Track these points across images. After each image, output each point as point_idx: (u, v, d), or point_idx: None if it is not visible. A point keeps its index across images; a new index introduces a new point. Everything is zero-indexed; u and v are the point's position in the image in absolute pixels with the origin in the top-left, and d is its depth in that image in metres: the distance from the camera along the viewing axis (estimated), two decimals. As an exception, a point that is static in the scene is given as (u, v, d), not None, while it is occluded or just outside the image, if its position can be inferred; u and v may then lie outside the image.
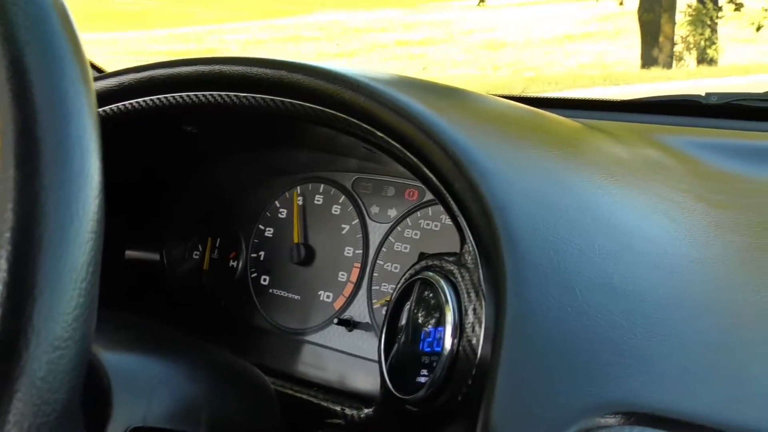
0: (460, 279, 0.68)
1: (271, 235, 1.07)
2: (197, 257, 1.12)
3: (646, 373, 0.57)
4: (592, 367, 0.58)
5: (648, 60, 11.49)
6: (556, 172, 0.73)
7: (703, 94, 1.12)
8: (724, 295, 0.66)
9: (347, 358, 0.96)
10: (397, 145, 0.73)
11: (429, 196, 0.97)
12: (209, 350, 0.77)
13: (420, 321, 0.71)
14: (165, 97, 0.87)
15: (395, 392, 0.71)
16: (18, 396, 0.41)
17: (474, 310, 0.66)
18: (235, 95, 0.84)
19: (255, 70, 0.82)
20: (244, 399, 0.74)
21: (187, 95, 0.87)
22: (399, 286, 0.74)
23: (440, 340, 0.68)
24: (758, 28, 11.51)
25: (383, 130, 0.74)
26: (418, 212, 0.97)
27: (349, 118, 0.76)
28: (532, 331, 0.60)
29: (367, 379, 0.92)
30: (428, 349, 0.70)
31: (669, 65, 11.56)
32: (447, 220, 0.95)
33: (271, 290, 1.05)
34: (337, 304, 1.00)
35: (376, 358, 0.93)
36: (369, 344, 0.96)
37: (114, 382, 0.60)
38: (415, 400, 0.69)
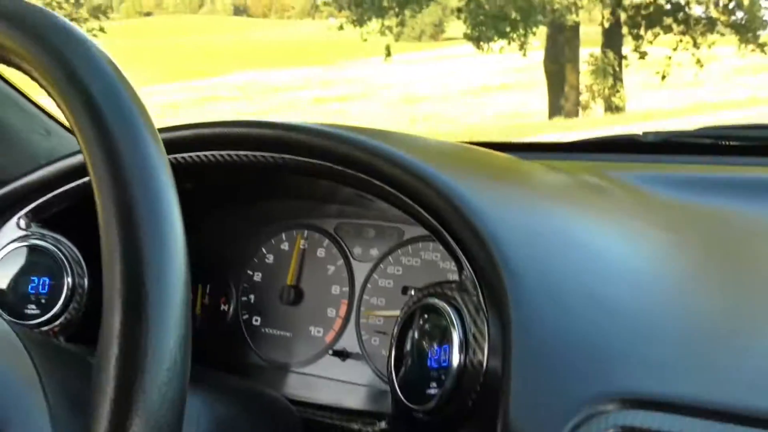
0: (461, 302, 0.78)
1: (260, 279, 1.15)
2: (188, 304, 1.19)
3: (636, 366, 0.68)
4: (589, 364, 0.68)
5: (555, 109, 11.86)
6: (535, 205, 0.85)
7: (641, 133, 1.26)
8: (689, 298, 0.77)
9: (343, 385, 1.05)
10: (394, 191, 0.84)
11: (408, 235, 1.07)
12: (237, 382, 0.85)
13: (426, 341, 0.81)
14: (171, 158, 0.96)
15: (408, 403, 0.80)
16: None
17: (477, 327, 0.76)
18: (235, 154, 0.94)
19: (256, 131, 0.92)
20: (274, 422, 0.82)
21: (190, 156, 0.96)
22: (403, 312, 0.84)
23: (447, 357, 0.78)
24: (663, 77, 11.99)
25: (381, 179, 0.84)
26: (399, 250, 1.07)
27: (348, 170, 0.86)
28: (535, 340, 0.70)
29: (366, 402, 1.01)
30: (435, 365, 0.79)
31: (575, 113, 11.95)
32: (426, 256, 1.05)
33: (263, 329, 1.14)
34: (328, 338, 1.08)
35: (369, 383, 1.03)
36: (362, 372, 1.04)
37: None
38: (427, 410, 0.78)
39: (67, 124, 1.41)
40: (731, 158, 1.15)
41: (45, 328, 1.01)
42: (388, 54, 12.77)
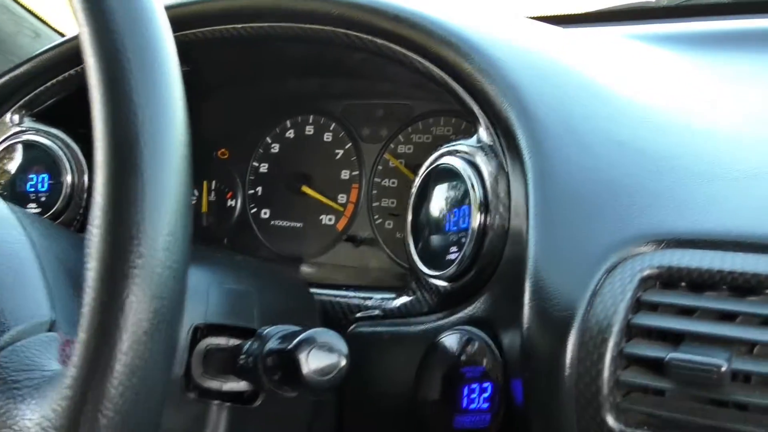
0: (479, 161, 0.74)
1: (266, 170, 1.11)
2: (194, 201, 1.15)
3: (664, 207, 0.64)
4: (617, 208, 0.64)
5: None
6: (554, 59, 0.80)
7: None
8: (714, 138, 0.73)
9: (358, 270, 1.01)
10: (401, 49, 0.79)
11: (418, 111, 1.02)
12: (248, 259, 0.82)
13: (444, 205, 0.77)
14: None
15: (428, 272, 0.76)
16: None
17: (497, 183, 0.72)
18: (233, 27, 0.89)
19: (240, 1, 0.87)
20: (286, 296, 0.79)
21: (184, 34, 0.91)
22: (419, 177, 0.80)
23: (466, 219, 0.74)
24: None
25: (387, 37, 0.79)
26: (409, 128, 1.02)
27: (349, 31, 0.81)
28: (558, 186, 0.66)
29: (383, 282, 0.97)
30: (455, 228, 0.75)
31: None
32: (438, 131, 1.00)
33: (273, 222, 1.10)
34: (340, 225, 1.05)
35: (385, 267, 1.00)
36: (376, 256, 1.01)
37: None
38: (447, 276, 0.75)
39: (55, 26, 1.36)
40: (749, 15, 1.10)
41: (47, 227, 0.97)
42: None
